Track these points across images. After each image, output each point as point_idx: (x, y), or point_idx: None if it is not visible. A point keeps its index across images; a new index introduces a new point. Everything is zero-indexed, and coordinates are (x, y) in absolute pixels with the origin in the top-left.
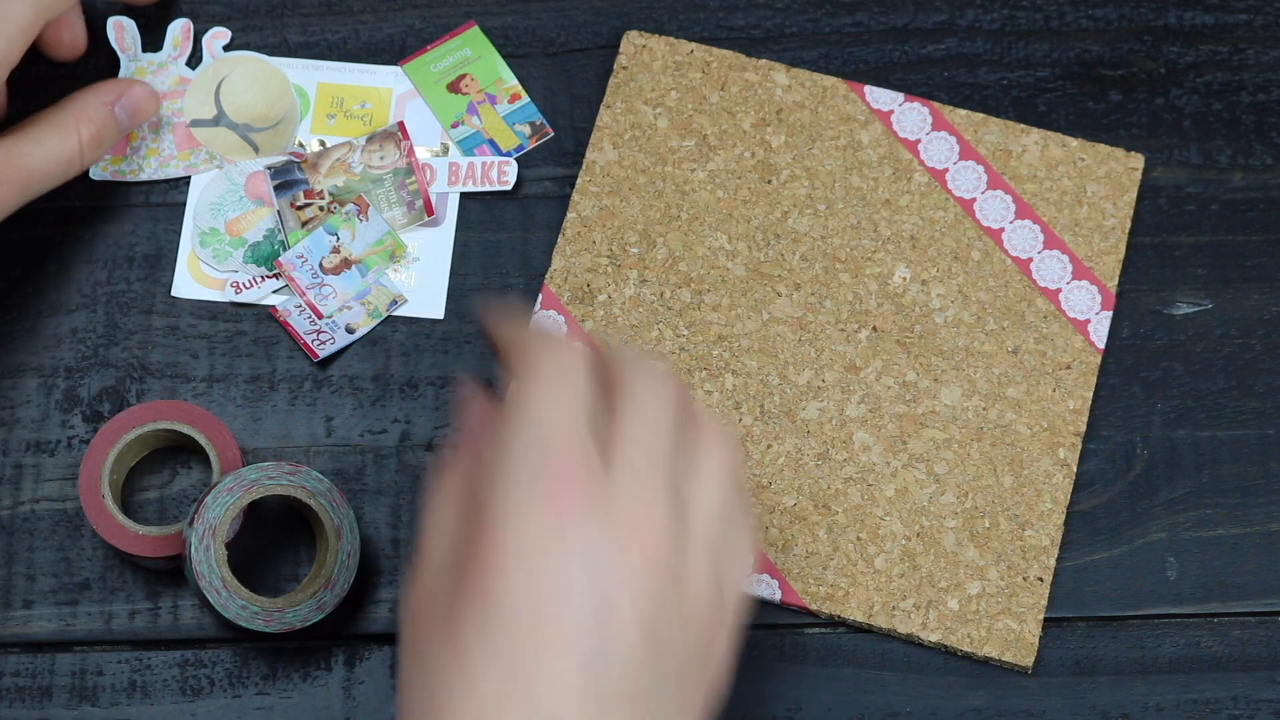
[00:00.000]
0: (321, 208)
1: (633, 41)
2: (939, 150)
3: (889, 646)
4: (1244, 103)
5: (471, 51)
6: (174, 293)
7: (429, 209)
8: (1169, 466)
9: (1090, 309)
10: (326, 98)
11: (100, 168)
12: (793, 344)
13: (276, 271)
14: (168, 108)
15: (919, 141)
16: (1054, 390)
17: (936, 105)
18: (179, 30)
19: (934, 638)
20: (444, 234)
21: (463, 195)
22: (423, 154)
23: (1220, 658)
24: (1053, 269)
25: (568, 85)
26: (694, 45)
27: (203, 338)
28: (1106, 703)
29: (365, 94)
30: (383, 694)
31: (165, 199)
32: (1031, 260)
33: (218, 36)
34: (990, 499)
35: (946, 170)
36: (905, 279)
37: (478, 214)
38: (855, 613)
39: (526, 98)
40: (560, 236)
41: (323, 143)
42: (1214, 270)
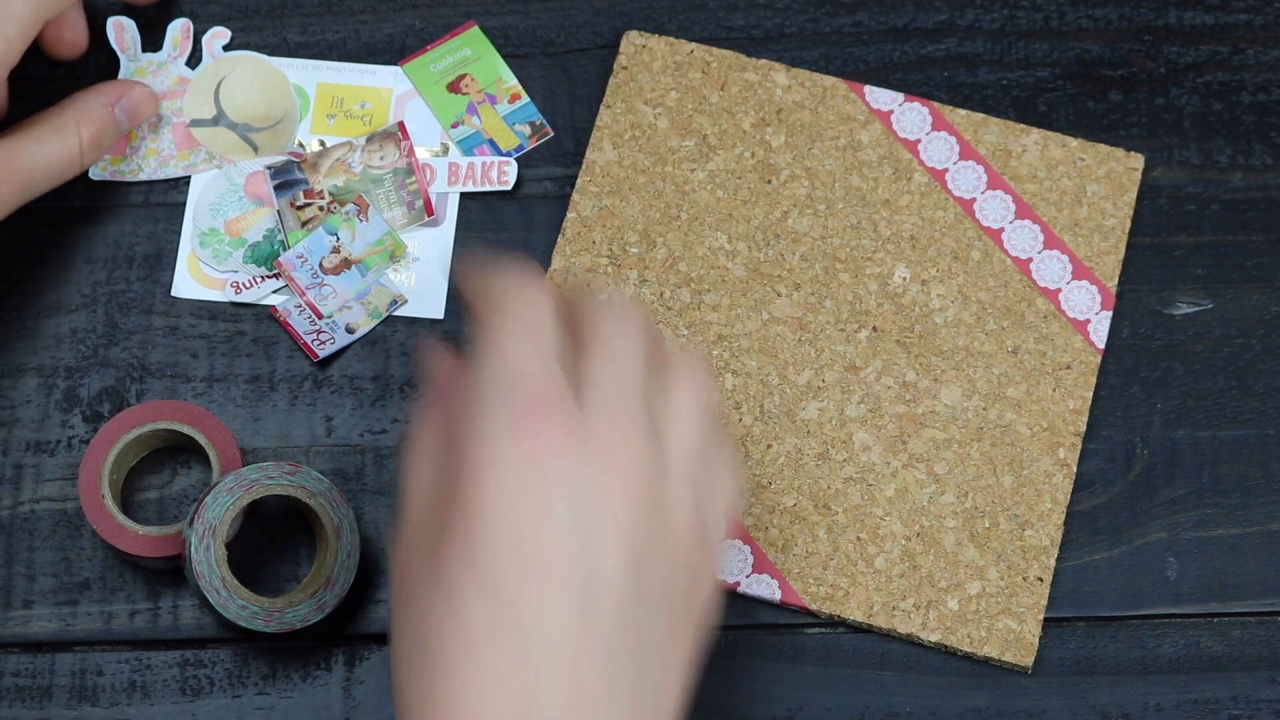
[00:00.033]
0: (321, 208)
1: (633, 41)
2: (939, 150)
3: (889, 646)
4: (1244, 103)
5: (471, 51)
6: (174, 293)
7: (429, 209)
8: (1169, 466)
9: (1090, 309)
10: (326, 98)
11: (100, 167)
12: (793, 344)
13: (276, 271)
14: (167, 107)
15: (919, 141)
16: (1054, 390)
17: (936, 105)
18: (179, 30)
19: (934, 638)
20: (444, 234)
21: (463, 195)
22: (423, 154)
23: (1220, 658)
24: (1053, 269)
25: (568, 85)
26: (694, 45)
27: (203, 338)
28: (1106, 703)
29: (365, 94)
30: (383, 694)
31: (165, 199)
32: (1031, 260)
33: (217, 36)
34: (990, 499)
35: (946, 170)
36: (905, 279)
37: (478, 214)
38: (855, 613)
39: (526, 98)
40: (560, 236)
41: (323, 143)
42: (1214, 270)
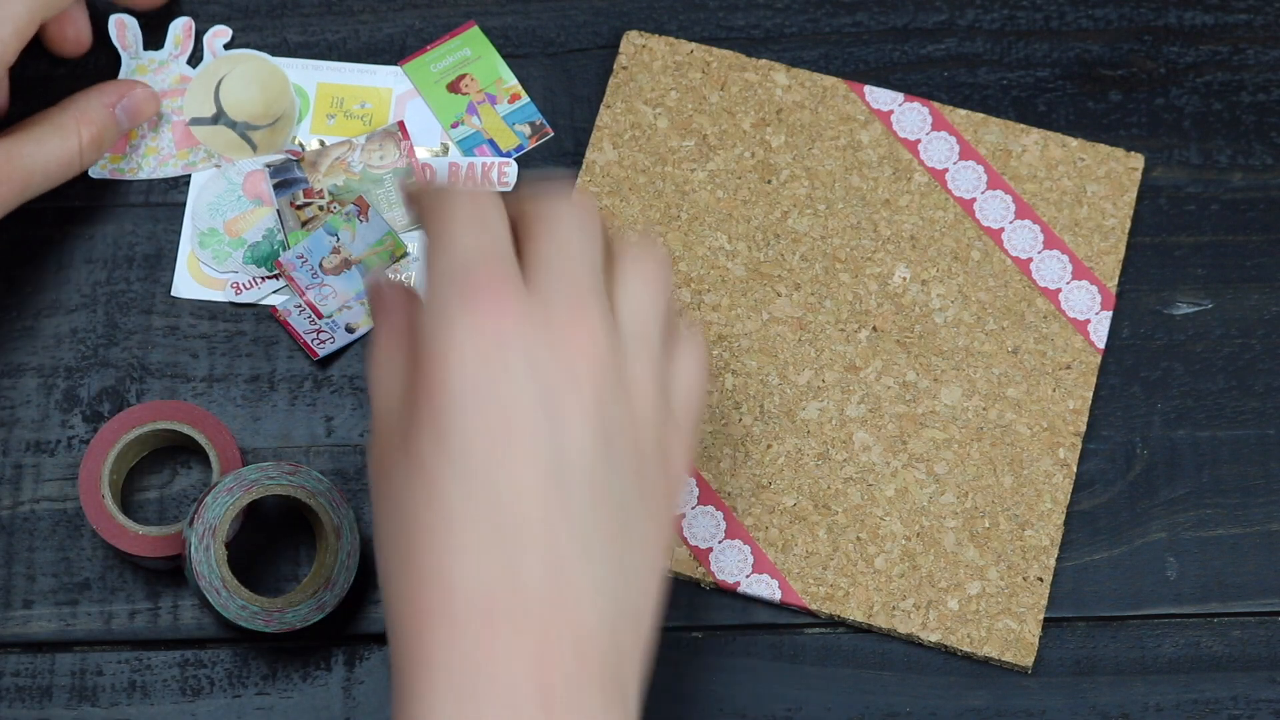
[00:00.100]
0: (321, 207)
1: (633, 41)
2: (939, 150)
3: (889, 646)
4: (1244, 103)
5: (471, 51)
6: (174, 293)
7: None
8: (1169, 466)
9: (1090, 309)
10: (326, 98)
11: (99, 166)
12: (793, 344)
13: (276, 272)
14: (167, 106)
15: (919, 141)
16: (1054, 390)
17: (936, 105)
18: (180, 29)
19: (934, 638)
20: None
21: None
22: (422, 154)
23: (1220, 658)
24: (1053, 269)
25: (568, 85)
26: (694, 45)
27: (202, 338)
28: (1106, 703)
29: (365, 94)
30: (383, 694)
31: (165, 199)
32: (1031, 260)
33: (219, 35)
34: (990, 499)
35: (946, 170)
36: (905, 279)
37: None
38: (855, 613)
39: (526, 98)
40: None
41: (322, 142)
42: (1214, 270)
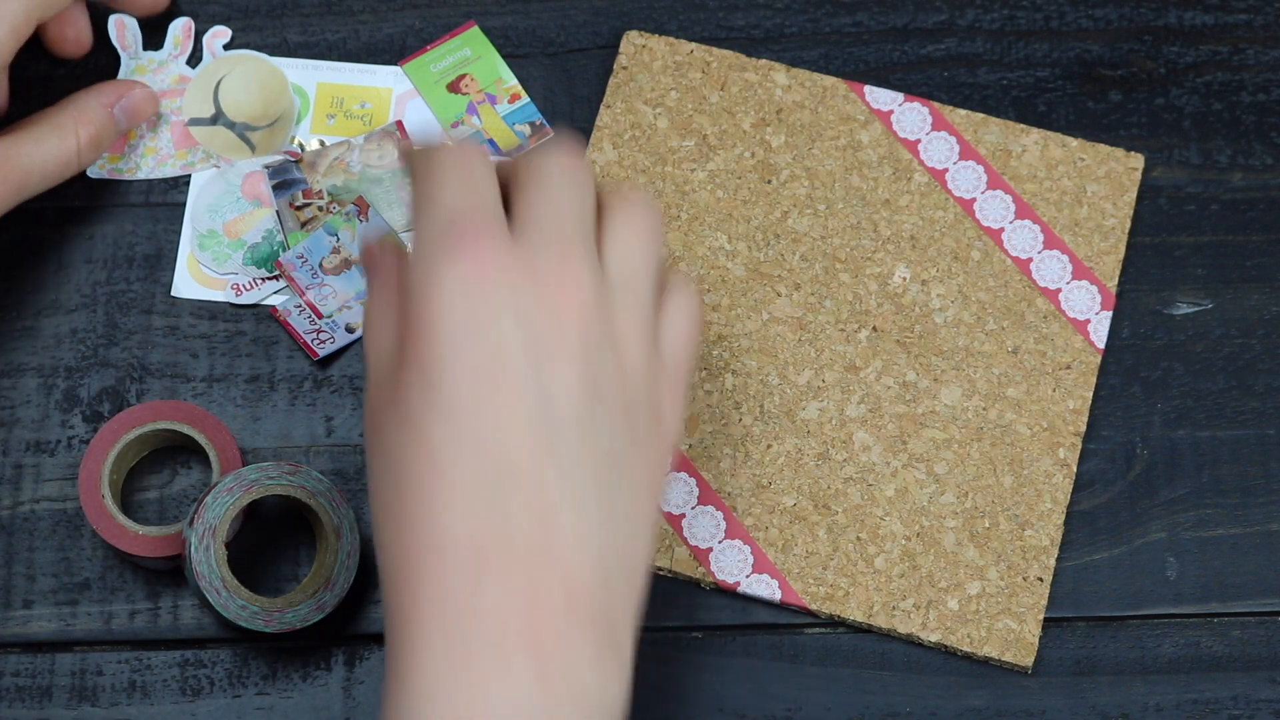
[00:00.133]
0: (320, 208)
1: (633, 41)
2: (939, 150)
3: (889, 646)
4: (1244, 103)
5: (471, 51)
6: (174, 293)
7: None
8: (1169, 466)
9: (1090, 309)
10: (326, 98)
11: (98, 166)
12: (793, 344)
13: (276, 273)
14: (166, 106)
15: (919, 141)
16: (1054, 390)
17: (936, 105)
18: (180, 29)
19: (934, 638)
20: None
21: None
22: None
23: (1220, 658)
24: (1053, 269)
25: (568, 85)
26: (694, 45)
27: (202, 338)
28: (1106, 703)
29: (365, 94)
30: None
31: (165, 199)
32: (1031, 260)
33: (218, 35)
34: (990, 499)
35: (946, 170)
36: (905, 279)
37: None
38: (855, 613)
39: (526, 98)
40: None
41: (322, 143)
42: (1214, 270)
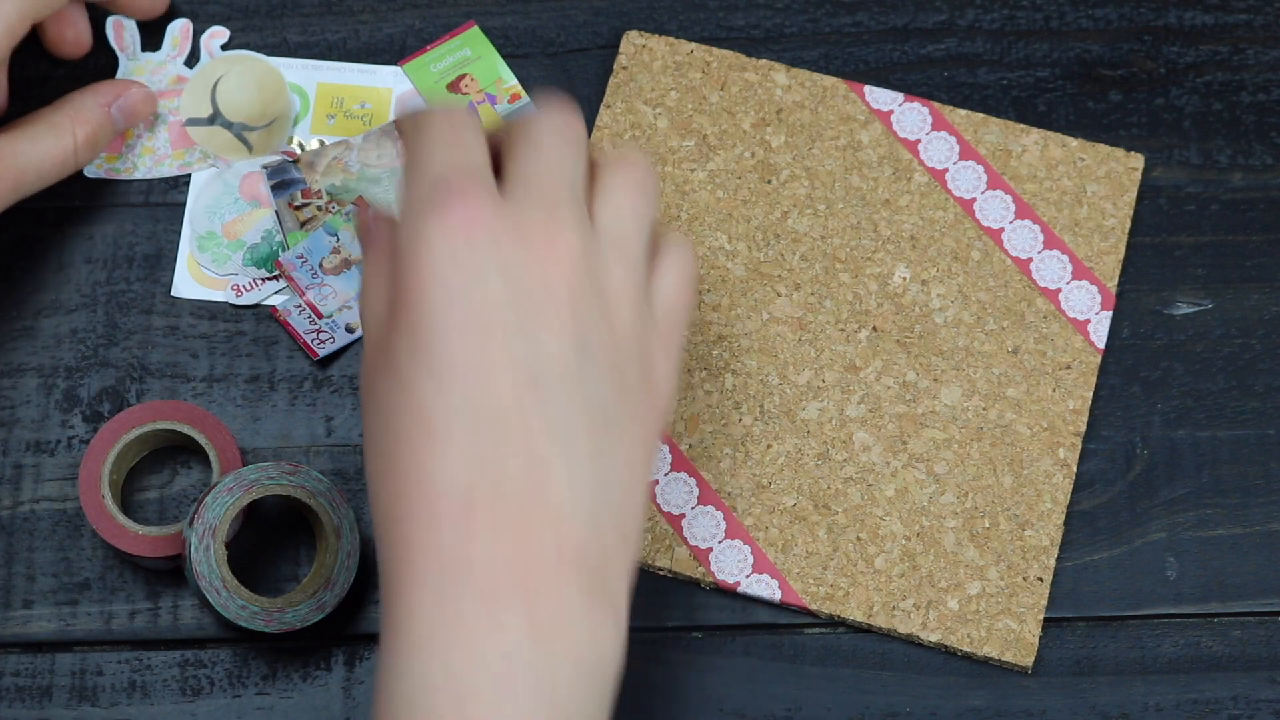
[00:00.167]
0: (319, 207)
1: (633, 41)
2: (939, 150)
3: (889, 646)
4: (1244, 103)
5: (471, 51)
6: (174, 293)
7: None
8: (1169, 466)
9: (1090, 309)
10: (326, 98)
11: (95, 165)
12: (793, 344)
13: (276, 273)
14: (164, 106)
15: (919, 141)
16: (1054, 390)
17: (936, 105)
18: (178, 30)
19: (934, 638)
20: None
21: None
22: None
23: (1220, 658)
24: (1053, 269)
25: (568, 85)
26: (694, 45)
27: (202, 338)
28: (1106, 703)
29: (365, 94)
30: None
31: (165, 199)
32: (1031, 260)
33: (216, 36)
34: (990, 499)
35: (946, 170)
36: (905, 279)
37: None
38: (855, 613)
39: (526, 98)
40: None
41: (322, 143)
42: (1214, 270)
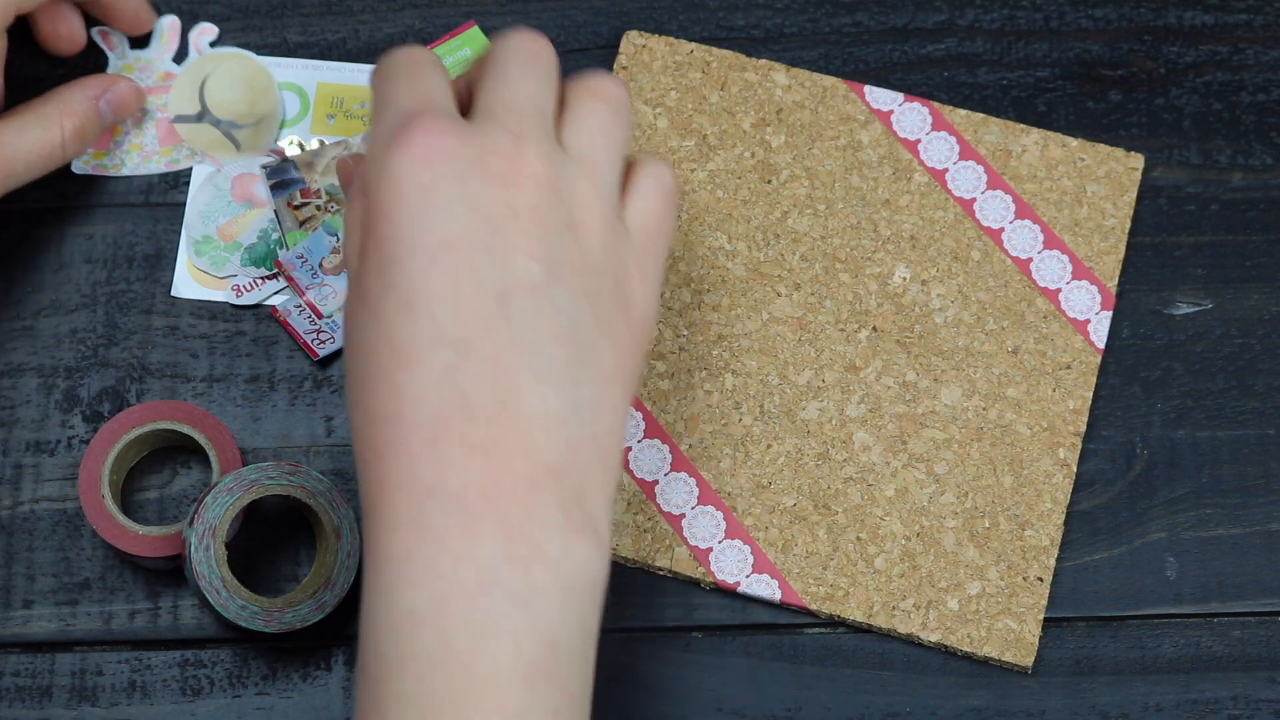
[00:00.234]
0: (319, 207)
1: (633, 41)
2: (939, 150)
3: (889, 646)
4: (1244, 103)
5: (471, 51)
6: (174, 293)
7: None
8: (1169, 466)
9: (1090, 309)
10: (326, 98)
11: (83, 161)
12: (793, 344)
13: (276, 272)
14: (152, 102)
15: (919, 141)
16: (1054, 390)
17: (936, 105)
18: (166, 27)
19: (934, 638)
20: None
21: None
22: None
23: (1220, 658)
24: (1053, 269)
25: None
26: (694, 45)
27: (202, 338)
28: (1106, 703)
29: (365, 94)
30: None
31: (165, 199)
32: (1031, 260)
33: (205, 33)
34: (990, 499)
35: (946, 170)
36: (905, 279)
37: None
38: (855, 613)
39: None
40: None
41: (322, 143)
42: (1214, 270)
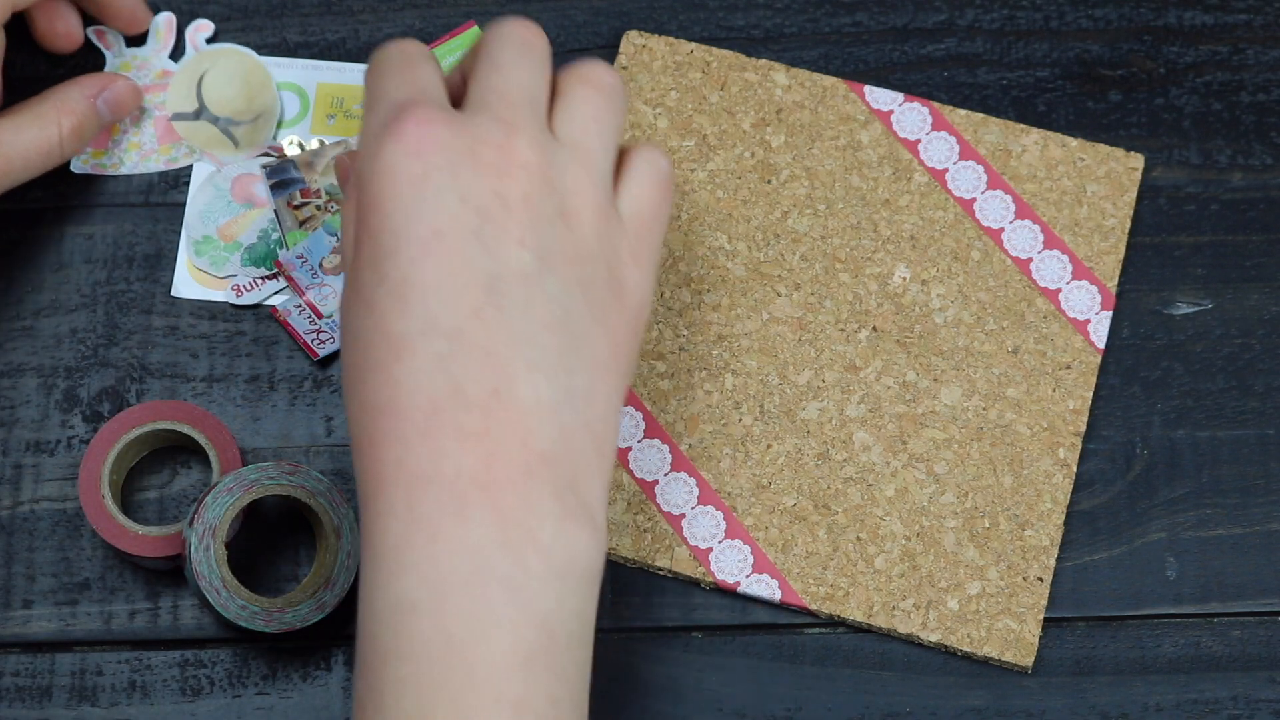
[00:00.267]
0: (319, 207)
1: (633, 41)
2: (939, 150)
3: (889, 646)
4: (1244, 103)
5: None
6: (174, 293)
7: None
8: (1169, 466)
9: (1090, 309)
10: (326, 98)
11: (81, 160)
12: (793, 344)
13: (276, 272)
14: (150, 101)
15: (919, 141)
16: (1054, 390)
17: (936, 105)
18: (162, 24)
19: (934, 638)
20: None
21: None
22: None
23: (1220, 658)
24: (1053, 269)
25: None
26: (694, 45)
27: (202, 338)
28: (1106, 703)
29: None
30: None
31: (165, 199)
32: (1031, 260)
33: (201, 30)
34: (990, 499)
35: (946, 170)
36: (905, 279)
37: None
38: (855, 613)
39: None
40: None
41: (322, 143)
42: (1214, 270)
